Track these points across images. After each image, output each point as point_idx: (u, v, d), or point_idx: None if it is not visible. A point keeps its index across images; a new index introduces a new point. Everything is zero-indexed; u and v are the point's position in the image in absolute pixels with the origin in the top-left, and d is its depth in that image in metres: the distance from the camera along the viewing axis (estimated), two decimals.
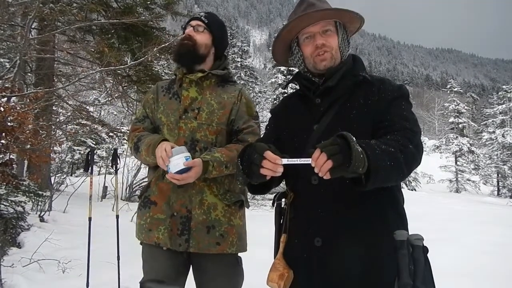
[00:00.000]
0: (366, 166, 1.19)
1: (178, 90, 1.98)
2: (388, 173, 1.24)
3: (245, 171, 1.36)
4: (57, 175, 9.25)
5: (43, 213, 6.73)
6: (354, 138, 1.19)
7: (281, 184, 1.70)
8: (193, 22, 1.98)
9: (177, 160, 1.74)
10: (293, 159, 1.26)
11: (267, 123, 1.77)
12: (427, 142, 38.87)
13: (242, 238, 1.95)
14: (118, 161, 4.01)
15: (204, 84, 1.96)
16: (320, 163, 1.17)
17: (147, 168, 2.14)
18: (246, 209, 2.05)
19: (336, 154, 1.16)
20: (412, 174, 24.12)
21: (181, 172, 1.74)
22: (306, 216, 1.47)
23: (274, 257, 1.54)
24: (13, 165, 6.04)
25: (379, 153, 1.22)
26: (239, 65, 37.23)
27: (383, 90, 1.48)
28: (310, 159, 1.20)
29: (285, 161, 1.27)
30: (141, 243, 1.99)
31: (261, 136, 1.81)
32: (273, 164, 1.26)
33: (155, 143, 1.83)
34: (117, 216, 3.94)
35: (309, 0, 1.54)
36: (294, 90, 1.74)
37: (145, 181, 2.10)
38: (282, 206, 1.59)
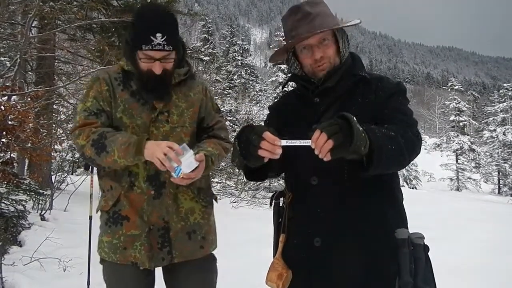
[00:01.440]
0: (367, 146, 1.16)
1: (141, 91, 1.72)
2: (390, 156, 1.22)
3: (242, 152, 1.30)
4: (57, 174, 9.25)
5: (44, 211, 6.73)
6: (354, 118, 1.16)
7: (280, 182, 1.69)
8: (157, 55, 1.61)
9: (190, 158, 1.54)
10: (293, 141, 1.22)
11: (265, 119, 1.76)
12: (428, 141, 38.83)
13: (216, 233, 1.91)
14: None
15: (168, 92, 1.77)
16: (320, 143, 1.13)
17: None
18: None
19: (336, 133, 1.13)
20: (413, 173, 24.15)
21: (193, 170, 1.57)
22: (305, 216, 1.47)
23: (273, 257, 1.53)
24: (14, 164, 6.06)
25: (380, 136, 1.20)
26: (240, 64, 37.21)
27: (381, 88, 1.48)
28: (309, 140, 1.17)
29: (284, 142, 1.22)
30: (102, 262, 1.80)
31: None
32: (272, 145, 1.21)
33: (138, 141, 1.58)
34: None
35: (305, 9, 1.47)
36: (293, 88, 1.72)
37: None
38: (280, 205, 1.59)
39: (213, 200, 1.91)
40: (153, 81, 1.65)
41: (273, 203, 1.60)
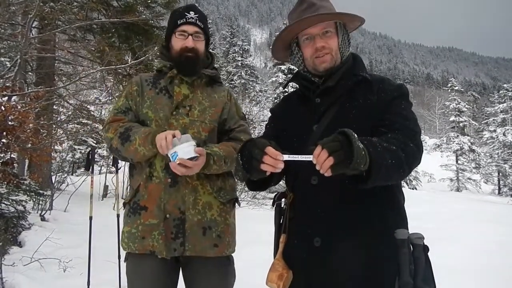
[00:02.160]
0: (367, 163, 1.18)
1: (168, 86, 1.89)
2: (390, 171, 1.24)
3: (245, 167, 1.33)
4: (58, 174, 9.27)
5: (44, 212, 6.74)
6: (355, 135, 1.18)
7: (281, 183, 1.70)
8: (190, 29, 1.85)
9: (188, 147, 1.61)
10: (295, 156, 1.25)
11: (267, 122, 1.77)
12: (428, 141, 38.82)
13: (234, 238, 1.93)
14: (119, 160, 4.02)
15: (195, 83, 1.90)
16: (321, 160, 1.16)
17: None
18: (238, 207, 2.00)
19: (337, 151, 1.15)
20: (413, 173, 24.06)
21: (190, 160, 1.62)
22: (305, 216, 1.47)
23: (274, 257, 1.53)
24: (14, 164, 6.05)
25: (381, 151, 1.22)
26: (240, 64, 37.18)
27: (382, 89, 1.48)
28: (311, 156, 1.19)
29: (286, 157, 1.25)
30: (126, 259, 1.86)
31: (261, 135, 1.80)
32: (274, 160, 1.24)
33: (155, 131, 1.72)
34: (118, 215, 3.94)
35: (310, 0, 1.52)
36: (294, 89, 1.73)
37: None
38: (282, 206, 1.59)
39: (235, 203, 1.94)
40: (185, 57, 1.83)
41: (275, 204, 1.61)
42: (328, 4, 1.55)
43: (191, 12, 1.86)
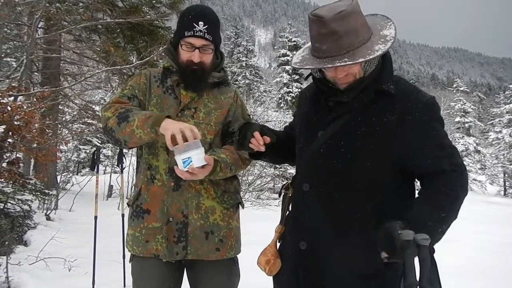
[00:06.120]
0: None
1: (175, 88, 1.83)
2: (444, 233, 1.38)
3: (239, 141, 1.59)
4: (63, 174, 9.32)
5: (49, 211, 6.78)
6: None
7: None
8: (197, 42, 1.74)
9: (200, 154, 1.52)
10: None
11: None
12: None
13: (238, 240, 1.91)
14: (124, 160, 4.03)
15: (202, 86, 1.84)
16: None
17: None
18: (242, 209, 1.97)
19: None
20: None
21: (198, 167, 1.55)
22: (296, 218, 1.53)
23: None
24: (20, 164, 6.09)
25: (431, 232, 1.28)
26: (244, 65, 37.22)
27: (409, 110, 1.37)
28: None
29: None
30: (131, 259, 1.87)
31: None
32: (257, 143, 1.52)
33: (158, 115, 1.61)
34: (123, 215, 3.96)
35: (331, 27, 1.31)
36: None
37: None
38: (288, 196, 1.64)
39: (239, 206, 1.92)
40: (190, 70, 1.75)
41: (282, 193, 1.67)
42: (352, 23, 1.32)
43: (200, 23, 1.72)
